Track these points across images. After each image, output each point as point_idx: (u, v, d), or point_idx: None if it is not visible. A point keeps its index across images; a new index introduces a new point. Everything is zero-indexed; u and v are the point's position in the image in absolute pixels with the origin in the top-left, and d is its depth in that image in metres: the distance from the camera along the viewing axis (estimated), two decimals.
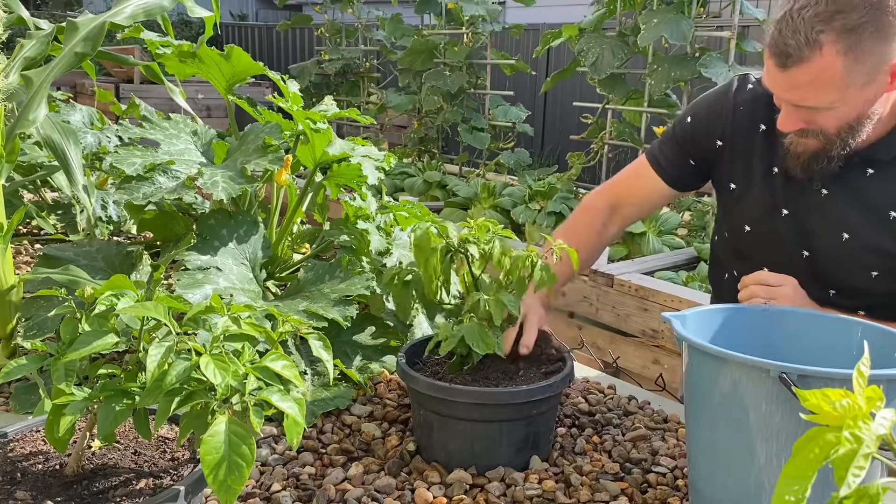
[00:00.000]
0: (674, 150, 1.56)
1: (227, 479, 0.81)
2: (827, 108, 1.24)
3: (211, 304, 0.93)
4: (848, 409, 0.48)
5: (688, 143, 1.54)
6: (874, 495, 0.46)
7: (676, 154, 1.55)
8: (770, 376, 0.93)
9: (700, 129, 1.52)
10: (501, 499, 1.13)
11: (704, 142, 1.51)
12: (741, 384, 0.98)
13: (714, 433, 1.04)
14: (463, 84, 5.66)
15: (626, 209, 1.62)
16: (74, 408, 0.90)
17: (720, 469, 1.04)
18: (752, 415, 0.97)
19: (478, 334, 1.23)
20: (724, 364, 0.99)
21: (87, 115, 2.36)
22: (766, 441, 0.97)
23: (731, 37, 4.02)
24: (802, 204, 1.42)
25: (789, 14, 1.19)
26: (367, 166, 1.62)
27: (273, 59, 11.01)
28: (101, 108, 2.58)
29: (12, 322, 1.46)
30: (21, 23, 1.75)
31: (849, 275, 1.41)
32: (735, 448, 1.00)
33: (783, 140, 1.37)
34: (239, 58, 1.69)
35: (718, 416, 1.02)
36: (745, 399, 0.97)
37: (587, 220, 1.61)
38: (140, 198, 1.51)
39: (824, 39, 1.15)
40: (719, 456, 1.04)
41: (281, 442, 1.27)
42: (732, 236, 1.56)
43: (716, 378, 1.01)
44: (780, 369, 0.92)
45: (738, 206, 1.51)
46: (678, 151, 1.55)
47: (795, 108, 1.27)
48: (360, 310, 1.57)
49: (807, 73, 1.18)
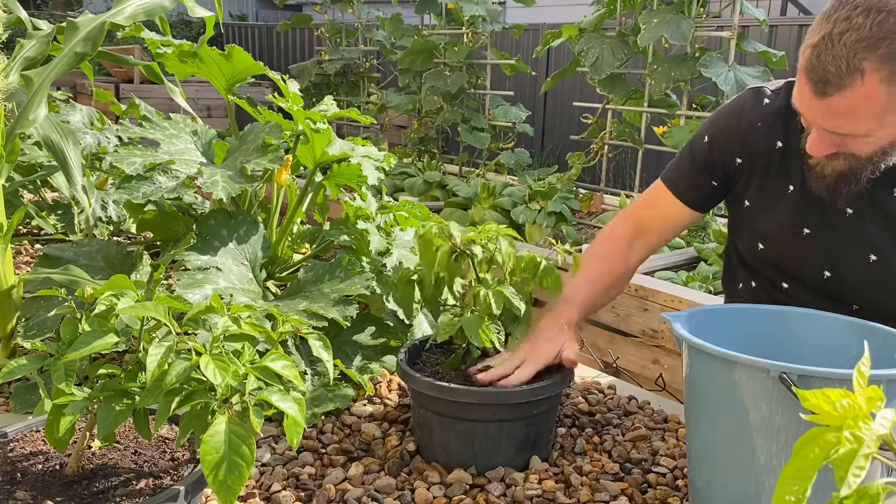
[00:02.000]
0: (693, 173, 1.50)
1: (227, 479, 0.81)
2: (863, 136, 1.18)
3: (211, 304, 0.93)
4: (848, 409, 0.48)
5: (708, 164, 1.48)
6: (874, 495, 0.46)
7: (696, 176, 1.50)
8: (770, 376, 0.93)
9: (718, 148, 1.46)
10: (501, 499, 1.13)
11: (723, 160, 1.46)
12: (741, 384, 0.98)
13: (714, 433, 1.04)
14: (463, 84, 5.66)
15: (650, 236, 1.55)
16: (74, 408, 0.90)
17: (720, 469, 1.04)
18: (751, 415, 0.97)
19: (476, 326, 1.23)
20: (723, 364, 0.99)
21: (87, 115, 2.36)
22: (766, 441, 0.97)
23: (731, 37, 4.02)
24: (827, 223, 1.37)
25: (829, 38, 1.10)
26: (367, 166, 1.62)
27: (273, 59, 11.01)
28: (100, 108, 2.58)
29: (12, 322, 1.46)
30: (21, 23, 1.75)
31: (875, 294, 1.37)
32: (735, 448, 1.00)
33: (807, 160, 1.31)
34: (239, 58, 1.69)
35: (718, 417, 1.02)
36: (744, 399, 0.97)
37: (610, 249, 1.52)
38: (140, 197, 1.51)
39: (867, 67, 1.08)
40: (719, 456, 1.04)
41: (281, 442, 1.27)
42: (745, 251, 1.53)
43: (715, 378, 1.01)
44: (780, 369, 0.92)
45: (751, 223, 1.47)
46: (697, 173, 1.49)
47: (828, 133, 1.20)
48: (360, 310, 1.57)
49: (847, 101, 1.12)
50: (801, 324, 1.20)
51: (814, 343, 1.18)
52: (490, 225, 1.33)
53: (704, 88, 4.62)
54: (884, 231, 1.33)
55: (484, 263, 1.29)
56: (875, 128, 1.16)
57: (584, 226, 4.47)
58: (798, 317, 1.21)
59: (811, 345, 1.18)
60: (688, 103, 4.37)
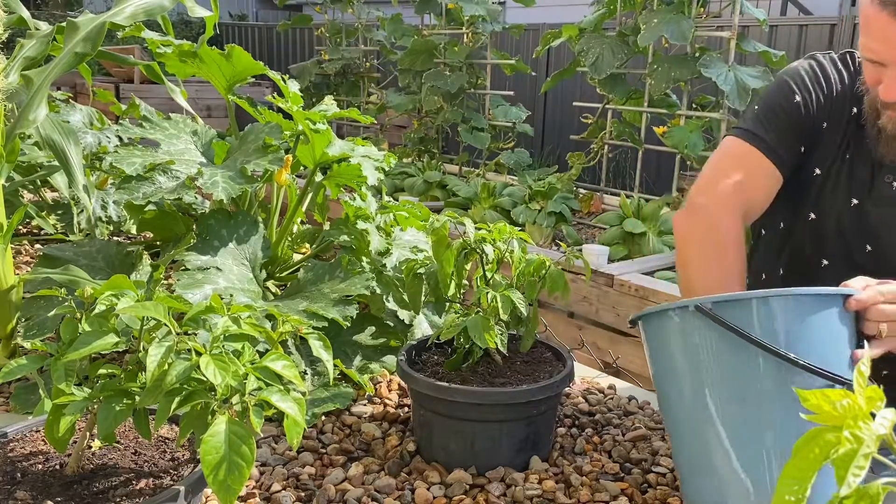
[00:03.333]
0: (790, 137, 1.34)
1: (227, 479, 0.81)
2: None
3: (211, 304, 0.93)
4: (848, 409, 0.48)
5: (798, 127, 1.35)
6: (874, 495, 0.46)
7: (793, 141, 1.35)
8: (690, 311, 0.97)
9: (810, 109, 1.35)
10: (501, 499, 1.13)
11: (812, 124, 1.35)
12: (676, 333, 1.02)
13: (679, 401, 1.04)
14: (463, 84, 5.66)
15: (753, 214, 1.37)
16: (74, 408, 0.90)
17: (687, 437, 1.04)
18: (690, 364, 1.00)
19: (480, 327, 1.22)
20: (658, 317, 1.03)
21: (87, 116, 2.36)
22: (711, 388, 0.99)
23: (732, 37, 4.02)
24: (873, 196, 1.32)
25: None
26: (366, 166, 1.62)
27: (273, 59, 11.01)
28: (100, 108, 2.58)
29: (12, 322, 1.46)
30: (21, 23, 1.75)
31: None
32: (694, 405, 1.01)
33: (874, 123, 1.27)
34: (240, 57, 1.69)
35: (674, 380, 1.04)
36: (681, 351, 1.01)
37: (736, 248, 1.29)
38: (140, 197, 1.51)
39: None
40: (685, 420, 1.04)
41: (281, 442, 1.27)
42: (791, 224, 1.43)
43: (660, 339, 1.05)
44: (695, 303, 0.97)
45: (814, 193, 1.38)
46: (790, 137, 1.34)
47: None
48: (360, 310, 1.57)
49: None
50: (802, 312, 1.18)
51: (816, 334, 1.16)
52: (502, 224, 1.33)
53: (704, 88, 4.62)
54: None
55: (494, 263, 1.29)
56: None
57: (583, 226, 4.47)
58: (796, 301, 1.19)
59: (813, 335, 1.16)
60: (688, 103, 4.37)
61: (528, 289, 1.30)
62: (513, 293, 1.25)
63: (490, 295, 1.25)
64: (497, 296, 1.24)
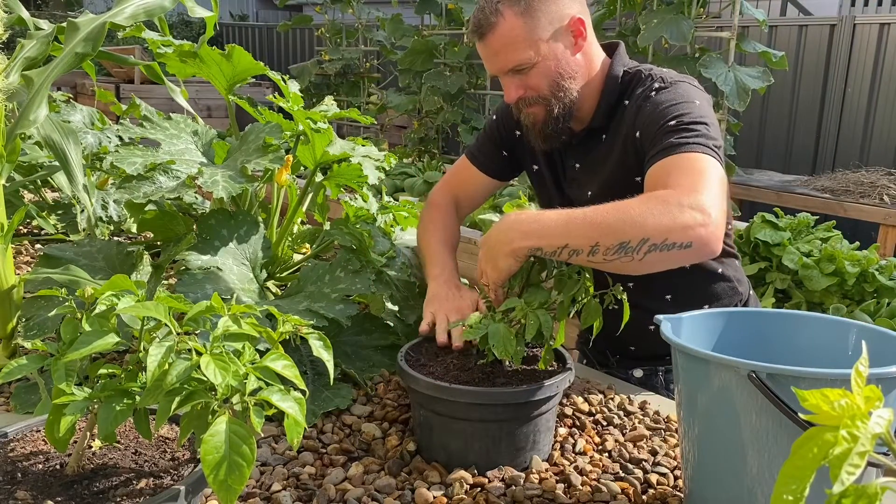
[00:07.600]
0: (489, 147, 1.79)
1: (227, 479, 0.81)
2: (530, 67, 1.48)
3: (211, 303, 0.93)
4: (846, 408, 0.48)
5: (497, 138, 1.77)
6: (872, 495, 0.46)
7: (491, 150, 1.78)
8: (739, 374, 0.92)
9: (503, 124, 1.76)
10: (501, 499, 1.13)
11: (508, 134, 1.76)
12: (717, 383, 0.97)
13: (706, 439, 1.03)
14: (463, 84, 5.67)
15: (463, 202, 1.84)
16: (75, 408, 0.90)
17: (712, 475, 1.03)
18: (733, 415, 0.96)
19: (503, 338, 1.21)
20: (700, 363, 0.99)
21: (88, 115, 2.36)
22: (755, 447, 0.95)
23: (731, 37, 4.02)
24: (567, 178, 1.68)
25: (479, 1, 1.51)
26: (367, 166, 1.62)
27: (273, 59, 11.01)
28: (101, 109, 2.58)
29: (12, 322, 1.46)
30: (21, 23, 1.75)
31: None
32: (726, 454, 0.99)
33: (523, 122, 1.61)
34: (240, 58, 1.69)
35: (706, 420, 1.01)
36: (722, 398, 0.97)
37: (444, 216, 1.77)
38: (140, 197, 1.51)
39: (503, 8, 1.45)
40: (711, 461, 1.03)
41: (281, 441, 1.27)
42: None
43: (696, 378, 1.01)
44: (749, 367, 0.90)
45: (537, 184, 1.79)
46: (492, 147, 1.78)
47: (511, 77, 1.50)
48: (360, 310, 1.57)
49: (499, 37, 1.46)
50: (795, 326, 1.20)
51: (807, 344, 1.17)
52: None
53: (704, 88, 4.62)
54: (598, 179, 1.59)
55: (537, 273, 1.28)
56: (533, 55, 1.47)
57: None
58: (792, 319, 1.21)
59: (804, 346, 1.17)
60: None
61: (560, 310, 1.27)
62: (542, 314, 1.22)
63: (520, 309, 1.22)
64: (527, 312, 1.22)
